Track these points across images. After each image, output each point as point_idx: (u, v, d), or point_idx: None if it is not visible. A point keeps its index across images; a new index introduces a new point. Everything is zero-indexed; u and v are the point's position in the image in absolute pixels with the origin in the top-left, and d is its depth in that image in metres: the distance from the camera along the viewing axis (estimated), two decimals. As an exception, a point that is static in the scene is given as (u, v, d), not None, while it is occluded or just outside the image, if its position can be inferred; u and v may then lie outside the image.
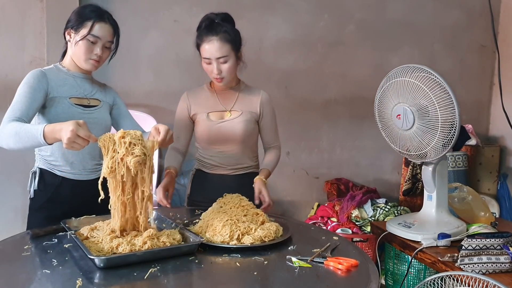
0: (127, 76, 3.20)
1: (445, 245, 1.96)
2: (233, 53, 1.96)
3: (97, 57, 1.77)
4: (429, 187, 2.12)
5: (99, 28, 1.75)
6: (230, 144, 2.07)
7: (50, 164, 1.81)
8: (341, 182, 3.55)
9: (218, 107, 2.08)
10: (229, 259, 1.47)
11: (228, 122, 2.06)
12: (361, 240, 2.95)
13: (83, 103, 1.81)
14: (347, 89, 3.60)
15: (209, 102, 2.09)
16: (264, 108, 2.11)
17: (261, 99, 2.11)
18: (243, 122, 2.06)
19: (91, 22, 1.73)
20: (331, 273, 1.40)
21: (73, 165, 1.82)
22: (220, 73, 1.96)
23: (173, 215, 1.90)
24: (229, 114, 2.07)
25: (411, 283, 2.46)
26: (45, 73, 1.75)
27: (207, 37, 1.93)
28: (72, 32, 1.77)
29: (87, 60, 1.77)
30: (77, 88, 1.81)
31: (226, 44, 1.93)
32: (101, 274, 1.32)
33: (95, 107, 1.85)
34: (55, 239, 1.58)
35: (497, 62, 3.72)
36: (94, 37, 1.74)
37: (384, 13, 3.61)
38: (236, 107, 2.07)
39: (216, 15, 1.98)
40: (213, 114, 2.07)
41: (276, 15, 3.43)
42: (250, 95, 2.11)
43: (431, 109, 1.93)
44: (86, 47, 1.75)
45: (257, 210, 1.74)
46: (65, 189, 1.81)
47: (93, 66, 1.79)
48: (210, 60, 1.94)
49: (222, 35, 1.93)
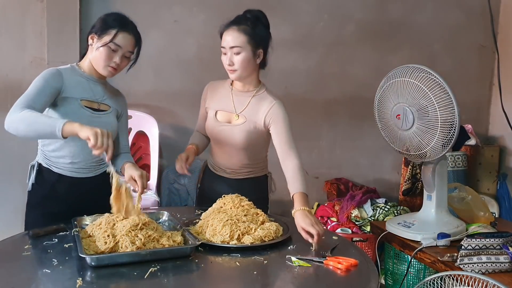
0: (127, 76, 3.17)
1: (444, 245, 1.96)
2: (250, 48, 1.88)
3: (116, 65, 1.80)
4: (429, 187, 2.12)
5: (122, 37, 1.77)
6: (231, 149, 2.01)
7: (49, 160, 1.82)
8: (341, 182, 3.55)
9: (229, 108, 2.00)
10: (229, 259, 1.47)
11: (230, 127, 1.98)
12: (361, 240, 2.95)
13: (93, 107, 1.84)
14: (347, 89, 3.59)
15: (222, 99, 2.03)
16: (272, 119, 1.94)
17: (270, 111, 1.94)
18: (244, 132, 1.95)
19: (115, 30, 1.76)
20: (330, 272, 1.40)
21: (75, 162, 1.82)
22: (232, 64, 1.90)
23: (173, 215, 1.90)
24: (236, 117, 1.99)
25: (411, 283, 2.46)
26: (61, 73, 1.79)
27: (228, 28, 1.90)
28: (95, 37, 1.80)
29: (106, 67, 1.80)
30: (89, 91, 1.84)
31: (243, 35, 1.87)
32: (101, 273, 1.32)
33: (104, 112, 1.87)
34: (55, 239, 1.58)
35: (496, 62, 3.72)
36: (116, 45, 1.77)
37: (384, 13, 3.60)
38: (244, 113, 1.98)
39: (250, 12, 1.94)
40: (221, 114, 2.02)
41: (276, 15, 3.41)
42: (261, 103, 1.97)
43: (431, 109, 1.94)
44: (106, 53, 1.77)
45: (257, 210, 1.74)
46: (61, 186, 1.82)
47: (110, 73, 1.82)
48: (225, 49, 1.90)
49: (243, 27, 1.88)
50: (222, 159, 2.06)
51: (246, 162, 2.04)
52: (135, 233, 1.46)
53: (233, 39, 1.88)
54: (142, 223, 1.51)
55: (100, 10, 3.07)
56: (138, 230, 1.47)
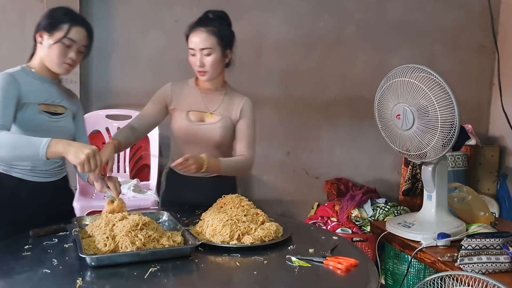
0: (127, 76, 3.20)
1: (444, 245, 1.96)
2: (219, 48, 1.94)
3: (71, 61, 1.72)
4: (429, 187, 2.12)
5: (75, 32, 1.70)
6: (205, 147, 2.00)
7: (6, 167, 1.71)
8: (341, 182, 3.55)
9: (200, 107, 2.03)
10: (229, 259, 1.47)
11: (208, 125, 2.01)
12: (361, 240, 2.95)
13: (50, 110, 1.74)
14: (347, 89, 3.60)
15: (192, 99, 2.04)
16: (243, 116, 2.04)
17: (243, 106, 2.04)
18: (221, 128, 2.01)
19: (67, 25, 1.68)
20: (330, 272, 1.40)
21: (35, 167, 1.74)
22: (203, 66, 1.93)
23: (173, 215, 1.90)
24: (209, 116, 2.02)
25: (411, 283, 2.46)
26: (16, 78, 1.68)
27: (196, 29, 1.94)
28: (45, 34, 1.70)
29: (61, 64, 1.72)
30: (45, 94, 1.74)
31: (213, 36, 1.92)
32: (101, 274, 1.32)
33: (61, 115, 1.78)
34: (55, 239, 1.58)
35: (496, 62, 3.73)
36: (70, 41, 1.69)
37: (384, 13, 3.61)
38: (218, 111, 2.03)
39: (213, 12, 1.98)
40: (193, 114, 2.03)
41: (276, 15, 3.43)
42: (233, 100, 2.05)
43: (431, 109, 1.94)
44: (60, 50, 1.69)
45: (257, 210, 1.75)
46: (23, 191, 1.72)
47: (66, 70, 1.74)
48: (195, 51, 1.93)
49: (211, 28, 1.92)
50: None
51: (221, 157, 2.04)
52: (135, 233, 1.45)
53: (203, 41, 1.91)
54: (142, 223, 1.51)
55: (100, 10, 3.07)
56: (138, 231, 1.47)
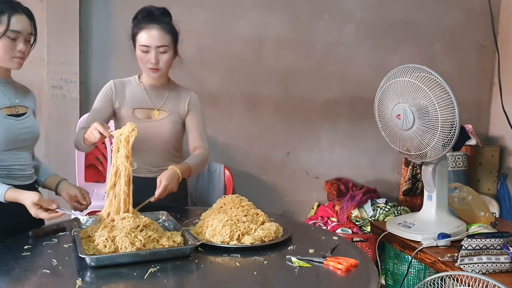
0: (127, 76, 3.19)
1: (445, 245, 1.96)
2: (172, 46, 1.96)
3: (21, 53, 1.59)
4: (429, 187, 2.12)
5: (17, 21, 1.56)
6: (155, 145, 1.99)
7: None
8: (341, 182, 3.55)
9: (146, 104, 2.00)
10: (229, 259, 1.47)
11: (156, 122, 1.99)
12: (361, 240, 2.95)
13: (13, 113, 1.64)
14: (347, 89, 3.59)
15: (136, 97, 2.01)
16: (191, 109, 2.06)
17: (189, 100, 2.05)
18: (171, 124, 2.00)
19: (6, 16, 1.54)
20: (330, 273, 1.40)
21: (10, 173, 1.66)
22: (157, 63, 1.93)
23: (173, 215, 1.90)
24: (157, 113, 2.00)
25: (411, 283, 2.46)
26: None
27: (148, 25, 1.91)
28: None
29: (12, 59, 1.59)
30: (3, 97, 1.63)
31: (168, 34, 1.93)
32: (100, 274, 1.32)
33: (24, 115, 1.68)
34: (55, 239, 1.58)
35: (497, 62, 3.72)
36: (15, 33, 1.56)
37: (384, 13, 3.60)
38: (164, 107, 2.01)
39: (156, 8, 1.97)
40: (139, 112, 1.99)
41: (276, 15, 3.42)
42: (179, 95, 2.06)
43: (431, 109, 1.94)
44: (7, 44, 1.56)
45: (257, 210, 1.75)
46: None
47: (18, 64, 1.61)
48: (149, 48, 1.90)
49: (164, 26, 1.93)
50: (146, 157, 1.98)
51: (172, 154, 2.04)
52: (134, 234, 1.45)
53: (160, 39, 1.91)
54: (142, 224, 1.50)
55: (100, 10, 3.07)
56: (138, 232, 1.47)
